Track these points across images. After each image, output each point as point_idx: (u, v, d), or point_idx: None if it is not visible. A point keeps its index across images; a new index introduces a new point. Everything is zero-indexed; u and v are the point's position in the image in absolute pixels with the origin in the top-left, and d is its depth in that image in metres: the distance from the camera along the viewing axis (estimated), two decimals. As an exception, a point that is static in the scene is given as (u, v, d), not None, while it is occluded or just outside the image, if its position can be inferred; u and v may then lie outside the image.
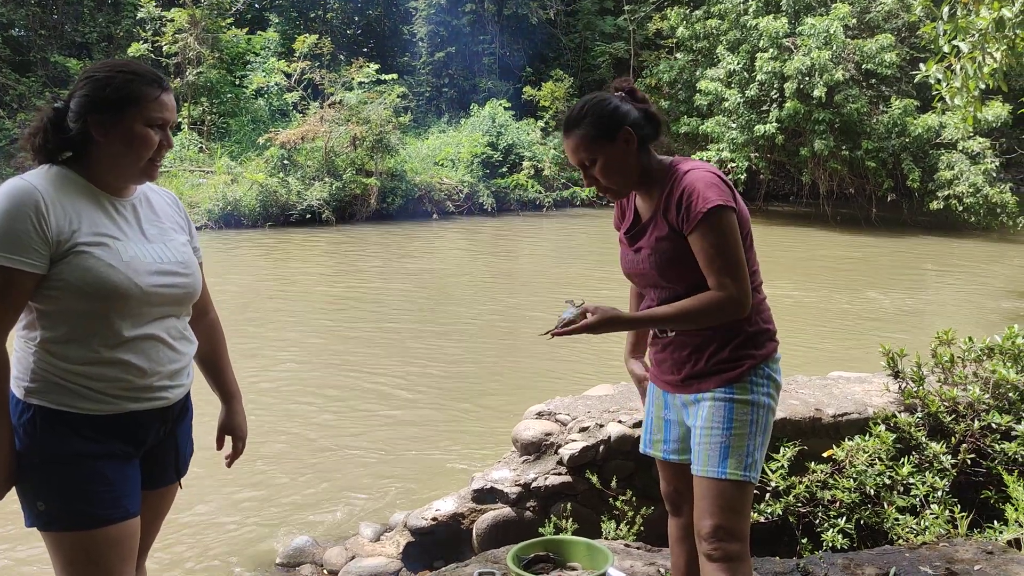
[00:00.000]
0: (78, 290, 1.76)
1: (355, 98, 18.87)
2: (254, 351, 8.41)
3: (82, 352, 1.79)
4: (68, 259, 1.76)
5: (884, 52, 18.10)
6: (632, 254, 2.32)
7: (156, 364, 1.88)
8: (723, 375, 2.20)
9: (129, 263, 1.82)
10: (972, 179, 17.40)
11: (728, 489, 2.15)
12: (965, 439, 3.69)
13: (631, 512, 3.71)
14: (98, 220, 1.83)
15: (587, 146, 2.20)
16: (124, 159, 1.85)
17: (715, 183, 2.14)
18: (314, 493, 5.26)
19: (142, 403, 1.87)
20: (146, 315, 1.86)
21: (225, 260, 14.15)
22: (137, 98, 1.83)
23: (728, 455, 2.14)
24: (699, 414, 2.23)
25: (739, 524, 2.17)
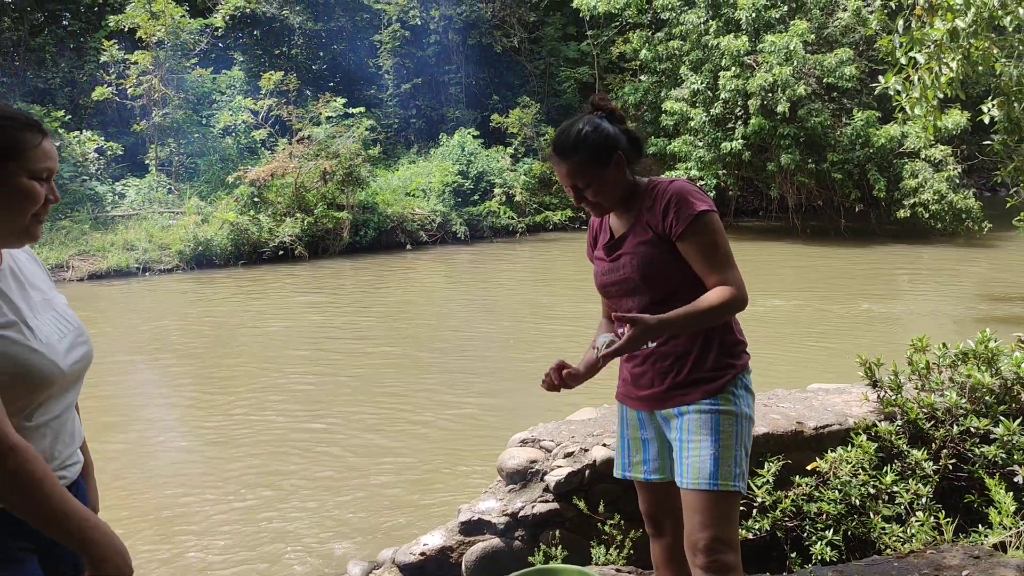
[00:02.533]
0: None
1: (323, 132, 18.89)
2: (231, 391, 8.33)
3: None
4: None
5: (844, 66, 18.44)
6: (610, 264, 2.36)
7: (62, 444, 1.71)
8: (706, 386, 2.23)
9: (48, 344, 1.62)
10: (936, 186, 17.70)
11: (721, 500, 2.17)
12: (945, 444, 3.73)
13: (620, 536, 3.70)
14: None
15: (584, 172, 2.26)
16: (9, 216, 1.60)
17: (699, 192, 2.24)
18: (299, 534, 5.20)
19: None
20: (62, 395, 1.68)
21: (199, 301, 14.03)
22: (19, 147, 1.58)
23: (718, 466, 2.17)
24: (684, 427, 2.24)
25: (733, 534, 2.20)
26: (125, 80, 19.61)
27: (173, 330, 11.50)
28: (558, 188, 22.47)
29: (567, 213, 22.21)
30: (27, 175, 1.60)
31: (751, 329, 2.42)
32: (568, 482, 3.88)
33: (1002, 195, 16.36)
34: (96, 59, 20.69)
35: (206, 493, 5.62)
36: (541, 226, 21.72)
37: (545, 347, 9.68)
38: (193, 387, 8.67)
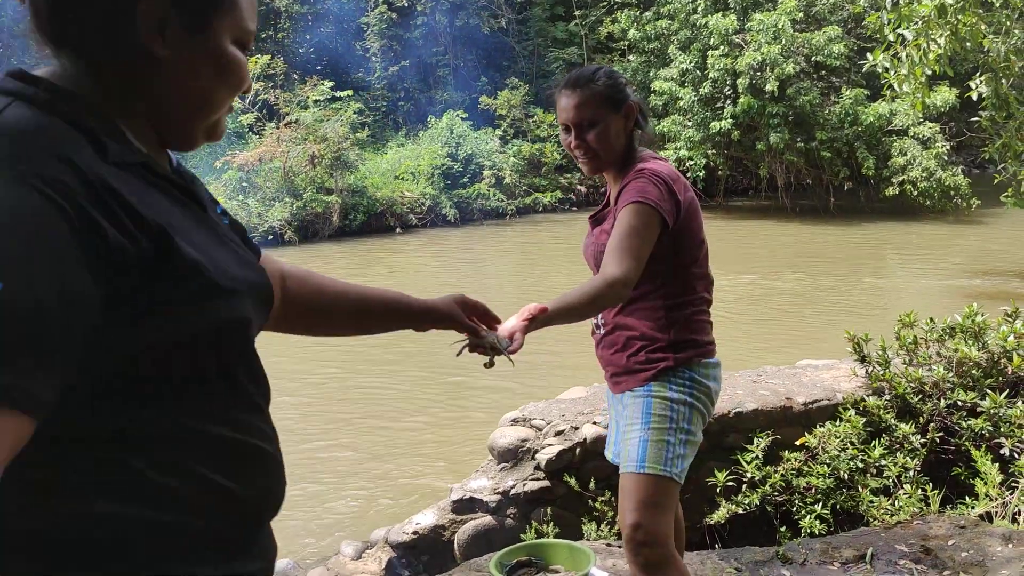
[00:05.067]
0: None
1: (311, 116, 18.80)
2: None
3: None
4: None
5: (832, 44, 18.43)
6: (591, 237, 2.35)
7: None
8: (639, 375, 2.21)
9: None
10: (925, 164, 17.75)
11: (647, 484, 2.10)
12: (933, 418, 3.76)
13: (611, 512, 3.72)
14: None
15: (596, 105, 2.18)
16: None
17: (659, 184, 2.12)
18: (292, 515, 5.22)
19: None
20: None
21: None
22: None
23: (647, 449, 2.11)
24: (622, 413, 2.25)
25: (660, 524, 2.10)
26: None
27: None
28: (548, 170, 22.46)
29: (557, 195, 22.20)
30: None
31: (740, 308, 2.44)
32: (559, 460, 3.90)
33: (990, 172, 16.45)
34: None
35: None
36: (531, 208, 21.70)
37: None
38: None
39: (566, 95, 2.22)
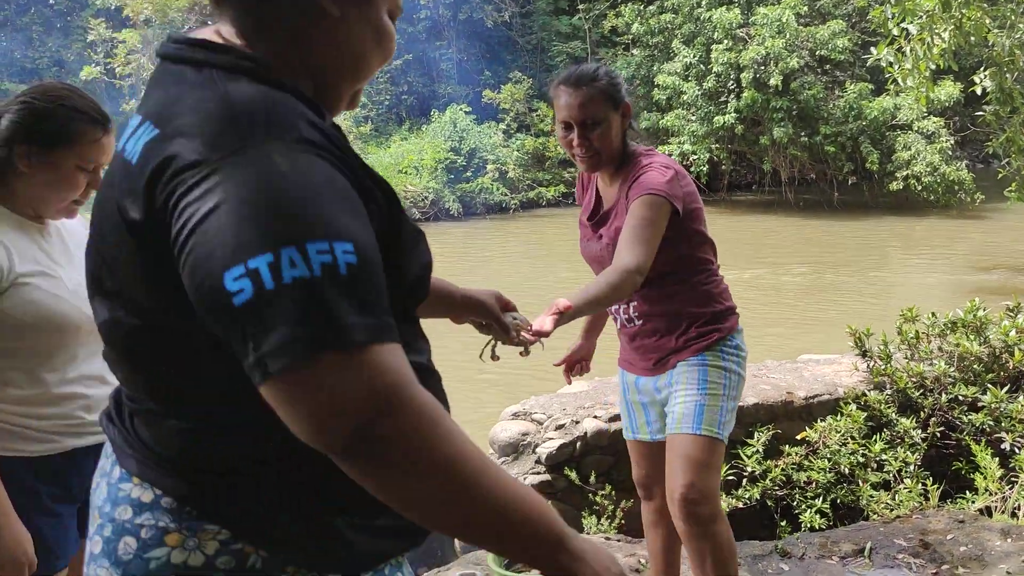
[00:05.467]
0: (25, 325, 1.62)
1: (314, 110, 18.79)
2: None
3: (27, 392, 1.65)
4: (10, 292, 1.62)
5: (836, 38, 18.37)
6: (593, 241, 2.37)
7: (102, 396, 1.73)
8: (692, 347, 2.29)
9: (75, 292, 1.67)
10: (929, 158, 17.70)
11: (702, 445, 2.21)
12: (934, 413, 3.76)
13: (611, 506, 3.73)
14: (30, 249, 1.68)
15: (601, 104, 2.20)
16: (46, 196, 1.69)
17: (669, 179, 2.19)
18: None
19: (85, 438, 1.72)
20: (93, 344, 1.70)
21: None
22: (75, 138, 1.65)
23: (703, 413, 2.22)
24: (674, 381, 2.30)
25: (711, 482, 2.24)
26: (113, 59, 19.47)
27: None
28: (551, 164, 22.44)
29: (560, 189, 22.17)
30: (76, 164, 1.68)
31: (742, 302, 2.46)
32: (559, 454, 3.90)
33: (994, 166, 16.40)
34: (83, 38, 20.52)
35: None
36: (534, 202, 21.68)
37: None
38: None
39: (568, 92, 2.22)
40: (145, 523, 0.91)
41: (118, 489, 0.94)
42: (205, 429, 0.92)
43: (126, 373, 0.99)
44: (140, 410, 0.96)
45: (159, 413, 0.94)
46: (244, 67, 0.92)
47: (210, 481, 0.91)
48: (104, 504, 0.96)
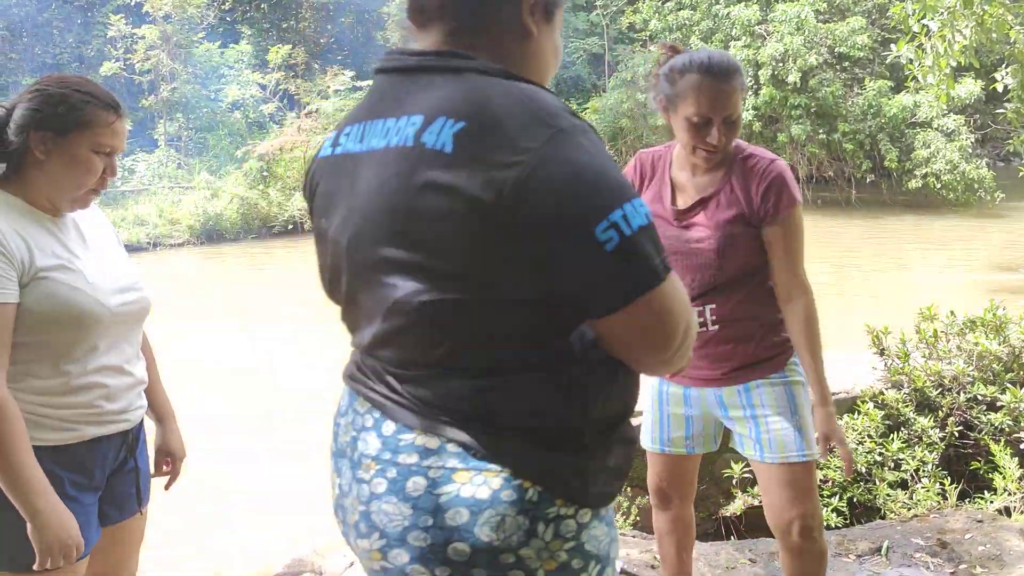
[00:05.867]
0: (46, 319, 1.64)
1: (331, 106, 18.86)
2: (245, 360, 8.40)
3: (49, 382, 1.67)
4: (31, 287, 1.63)
5: (855, 35, 18.24)
6: (678, 231, 2.15)
7: (122, 384, 1.79)
8: (773, 361, 2.20)
9: (94, 284, 1.71)
10: (948, 156, 17.56)
11: (808, 470, 2.16)
12: (952, 412, 3.74)
13: (627, 503, 3.73)
14: (48, 242, 1.70)
15: (740, 97, 2.09)
16: (64, 183, 1.70)
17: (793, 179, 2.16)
18: (311, 501, 5.27)
19: (105, 427, 1.76)
20: (112, 335, 1.76)
21: (209, 274, 14.12)
22: (90, 122, 1.68)
23: (802, 438, 2.14)
24: (756, 402, 2.18)
25: (818, 503, 2.20)
26: (133, 55, 19.60)
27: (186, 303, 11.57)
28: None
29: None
30: (90, 148, 1.70)
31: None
32: (575, 450, 3.91)
33: (1015, 165, 16.25)
34: (103, 34, 20.65)
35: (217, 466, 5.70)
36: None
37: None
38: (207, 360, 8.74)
39: (713, 85, 2.03)
40: (433, 465, 1.08)
41: (397, 440, 1.11)
42: (491, 388, 1.08)
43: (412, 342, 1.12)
44: (417, 376, 1.12)
45: (441, 376, 1.10)
46: (495, 71, 1.10)
47: (494, 431, 1.08)
48: (381, 453, 1.12)
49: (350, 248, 1.15)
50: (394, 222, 1.07)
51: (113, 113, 1.73)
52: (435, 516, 1.07)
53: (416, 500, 1.08)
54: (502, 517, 1.05)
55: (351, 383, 1.25)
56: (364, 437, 1.17)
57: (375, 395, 1.17)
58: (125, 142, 1.79)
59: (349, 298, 1.22)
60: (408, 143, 1.06)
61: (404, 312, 1.09)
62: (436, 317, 1.07)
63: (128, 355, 1.82)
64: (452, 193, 1.01)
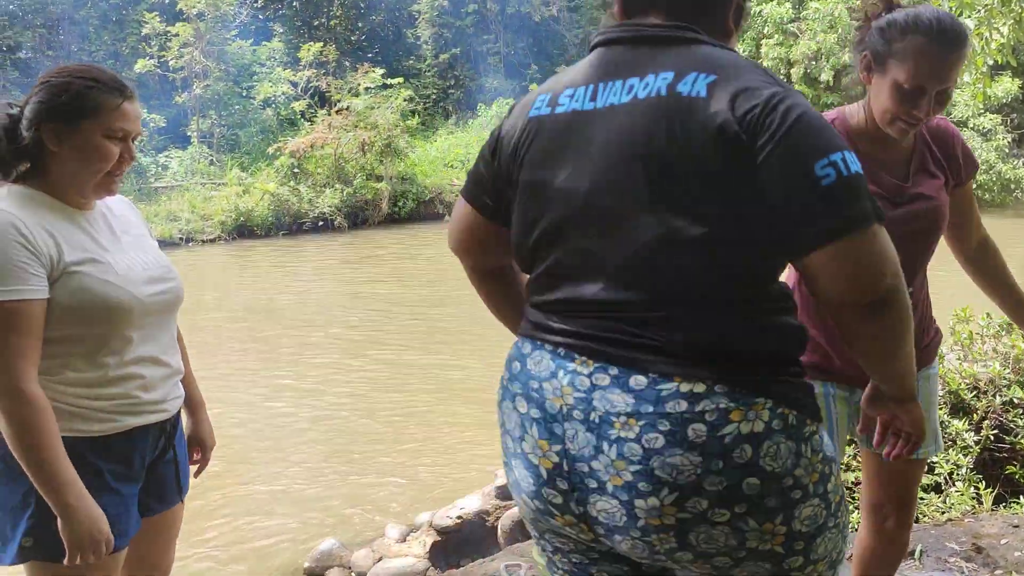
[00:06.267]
0: (78, 313, 1.66)
1: (362, 104, 18.94)
2: (274, 357, 8.47)
3: (86, 375, 1.69)
4: (61, 282, 1.64)
5: (890, 32, 18.03)
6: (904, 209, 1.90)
7: (158, 375, 1.81)
8: (930, 350, 2.05)
9: (125, 276, 1.72)
10: (985, 156, 17.28)
11: (922, 466, 2.14)
12: (987, 415, 3.68)
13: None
14: (77, 237, 1.70)
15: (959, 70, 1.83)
16: (81, 172, 1.70)
17: None
18: (338, 497, 5.30)
19: (143, 417, 1.77)
20: (146, 326, 1.77)
21: (241, 270, 14.25)
22: (96, 107, 1.68)
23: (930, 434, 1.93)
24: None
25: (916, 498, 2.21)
26: (167, 52, 19.81)
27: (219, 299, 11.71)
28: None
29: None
30: (102, 133, 1.69)
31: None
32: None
33: (1053, 165, 15.93)
34: (138, 31, 20.90)
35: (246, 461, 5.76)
36: (579, 197, 21.62)
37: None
38: (237, 356, 8.83)
39: (942, 51, 1.77)
40: (706, 409, 1.12)
41: (657, 391, 1.13)
42: (737, 327, 1.17)
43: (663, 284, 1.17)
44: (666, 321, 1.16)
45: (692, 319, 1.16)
46: (722, 46, 1.25)
47: (748, 367, 1.15)
48: (639, 407, 1.14)
49: (589, 196, 1.22)
50: (648, 166, 1.16)
51: (119, 95, 1.71)
52: (724, 458, 1.12)
53: (703, 447, 1.11)
54: (777, 446, 1.14)
55: (559, 343, 1.24)
56: (603, 396, 1.16)
57: (610, 350, 1.18)
58: (139, 125, 1.77)
59: (573, 249, 1.24)
60: (662, 93, 1.17)
61: (657, 254, 1.16)
62: (688, 257, 1.15)
63: (163, 345, 1.83)
64: (706, 131, 1.13)
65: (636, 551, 1.20)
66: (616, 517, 1.17)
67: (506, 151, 1.33)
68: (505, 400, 1.31)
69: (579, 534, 1.25)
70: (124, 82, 1.74)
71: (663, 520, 1.14)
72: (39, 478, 1.59)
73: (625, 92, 1.20)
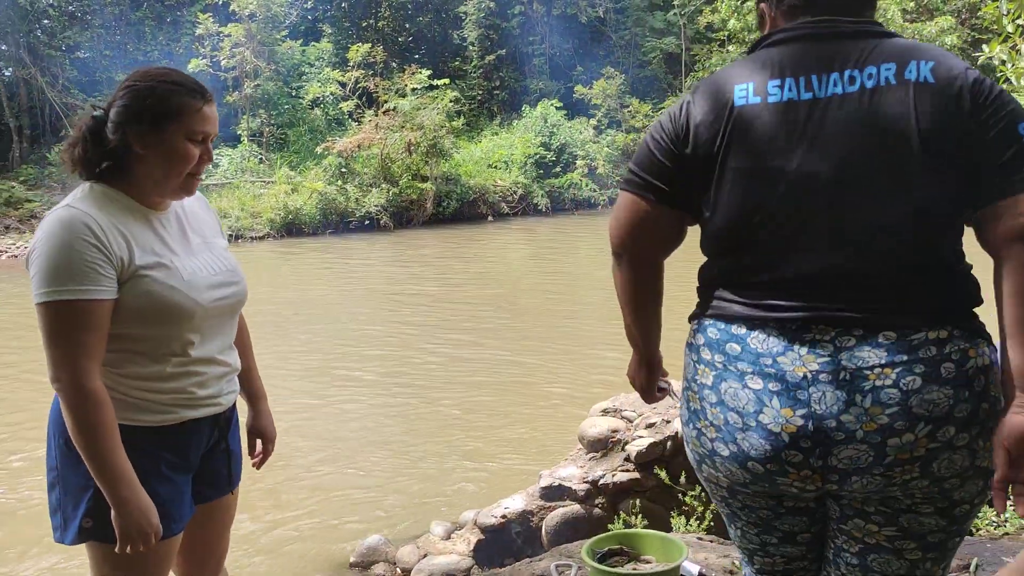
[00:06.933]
0: (142, 315, 1.71)
1: (408, 104, 19.10)
2: (323, 354, 8.57)
3: (147, 370, 1.75)
4: (129, 284, 1.69)
5: (944, 35, 17.68)
6: None
7: (214, 373, 1.86)
8: None
9: (190, 282, 1.76)
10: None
11: None
12: (1044, 427, 3.60)
13: (700, 507, 3.71)
14: (149, 239, 1.75)
15: None
16: (164, 173, 1.75)
17: None
18: (384, 493, 5.36)
19: (199, 410, 1.83)
20: (207, 329, 1.82)
21: (289, 268, 14.44)
22: (179, 111, 1.72)
23: None
24: None
25: None
26: (219, 52, 20.18)
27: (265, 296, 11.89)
28: (641, 161, 22.24)
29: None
30: (185, 136, 1.74)
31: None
32: (649, 452, 3.90)
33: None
34: (192, 32, 21.32)
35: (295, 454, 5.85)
36: (623, 199, 21.55)
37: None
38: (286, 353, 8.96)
39: None
40: (952, 350, 1.31)
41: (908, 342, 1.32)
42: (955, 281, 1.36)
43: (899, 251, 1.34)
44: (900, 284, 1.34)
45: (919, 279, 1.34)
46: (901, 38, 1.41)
47: (966, 313, 1.36)
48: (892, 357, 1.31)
49: (833, 178, 1.34)
50: (894, 147, 1.32)
51: (200, 98, 1.75)
52: (968, 388, 1.31)
53: (953, 381, 1.30)
54: (995, 374, 1.34)
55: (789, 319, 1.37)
56: (852, 356, 1.33)
57: (853, 315, 1.34)
58: (217, 126, 1.82)
59: (809, 228, 1.36)
60: (892, 82, 1.32)
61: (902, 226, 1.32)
62: (926, 226, 1.33)
63: (222, 345, 1.89)
64: (942, 108, 1.29)
65: (869, 488, 1.35)
66: (861, 460, 1.32)
67: (702, 138, 1.40)
68: (727, 381, 1.40)
69: (804, 487, 1.38)
70: (203, 85, 1.79)
71: (913, 453, 1.30)
72: (95, 468, 1.66)
73: (847, 83, 1.34)
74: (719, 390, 1.41)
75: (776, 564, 1.58)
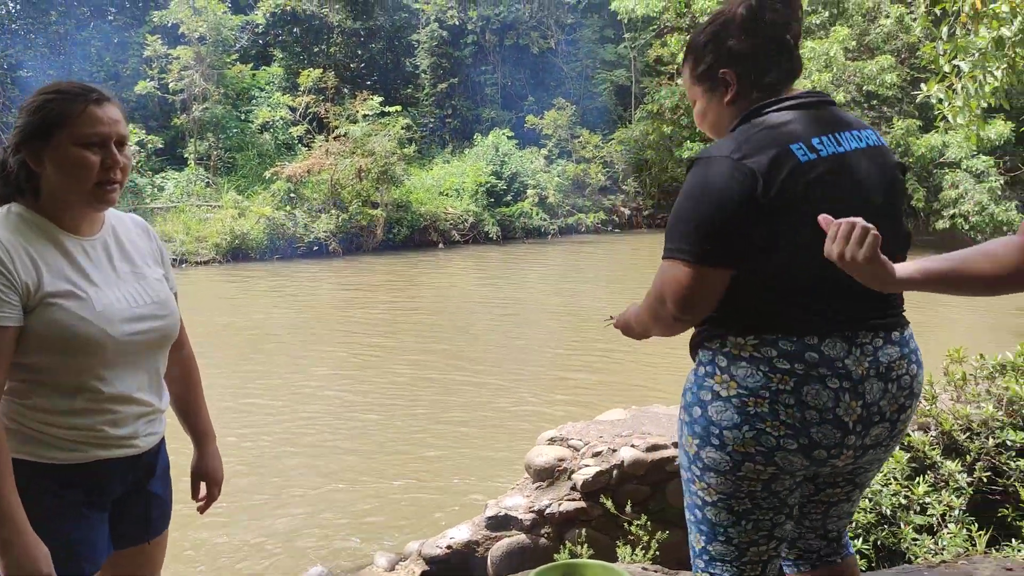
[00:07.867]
0: (49, 344, 1.61)
1: (360, 130, 19.05)
2: (266, 382, 8.42)
3: (55, 403, 1.64)
4: (37, 311, 1.60)
5: (884, 73, 18.24)
6: None
7: (131, 412, 1.74)
8: None
9: (102, 313, 1.65)
10: (977, 197, 17.44)
11: None
12: (980, 457, 3.67)
13: (646, 537, 3.69)
14: (62, 266, 1.65)
15: None
16: (65, 187, 1.65)
17: None
18: (327, 524, 5.25)
19: (111, 451, 1.71)
20: (121, 365, 1.71)
21: (234, 294, 14.21)
22: (62, 117, 1.62)
23: None
24: None
25: None
26: (167, 74, 19.92)
27: (209, 322, 11.66)
28: (592, 191, 22.47)
29: (600, 216, 22.18)
30: (74, 143, 1.63)
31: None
32: (596, 481, 3.88)
33: (1045, 208, 16.04)
34: (139, 54, 21.02)
35: (235, 482, 5.71)
36: (573, 228, 21.70)
37: (576, 344, 9.69)
38: (227, 380, 8.78)
39: None
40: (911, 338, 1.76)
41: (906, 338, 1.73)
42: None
43: None
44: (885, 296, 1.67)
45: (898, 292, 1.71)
46: None
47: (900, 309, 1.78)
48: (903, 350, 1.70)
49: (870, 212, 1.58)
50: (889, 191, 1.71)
51: (84, 100, 1.65)
52: (919, 364, 1.74)
53: (920, 361, 1.73)
54: None
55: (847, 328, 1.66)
56: (882, 353, 1.67)
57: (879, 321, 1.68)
58: (118, 127, 1.69)
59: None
60: (878, 143, 1.73)
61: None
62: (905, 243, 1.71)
63: (141, 383, 1.77)
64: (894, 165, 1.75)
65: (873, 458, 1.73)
66: (882, 436, 1.67)
67: (772, 190, 1.60)
68: (809, 384, 1.63)
69: (846, 464, 1.69)
70: (92, 87, 1.69)
71: (907, 425, 1.70)
72: None
73: (855, 140, 1.69)
74: (800, 392, 1.63)
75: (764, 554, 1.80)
